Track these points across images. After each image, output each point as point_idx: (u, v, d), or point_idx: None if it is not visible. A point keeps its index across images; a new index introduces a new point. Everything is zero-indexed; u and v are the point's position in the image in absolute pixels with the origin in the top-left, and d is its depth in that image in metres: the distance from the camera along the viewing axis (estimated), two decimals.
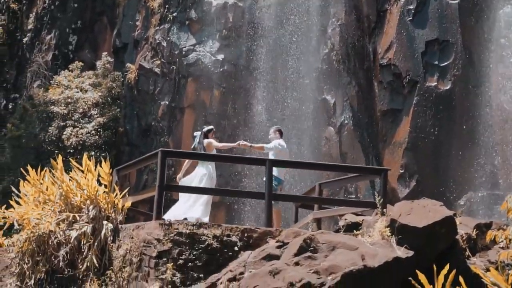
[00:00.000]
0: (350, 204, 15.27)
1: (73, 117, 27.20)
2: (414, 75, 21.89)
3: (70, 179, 13.58)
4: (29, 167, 14.22)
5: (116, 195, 13.25)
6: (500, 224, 11.74)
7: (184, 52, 25.76)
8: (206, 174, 14.57)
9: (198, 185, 14.40)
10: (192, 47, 25.77)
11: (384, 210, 12.09)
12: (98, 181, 13.53)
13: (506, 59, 21.49)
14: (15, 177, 23.30)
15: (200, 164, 14.85)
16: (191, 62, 25.57)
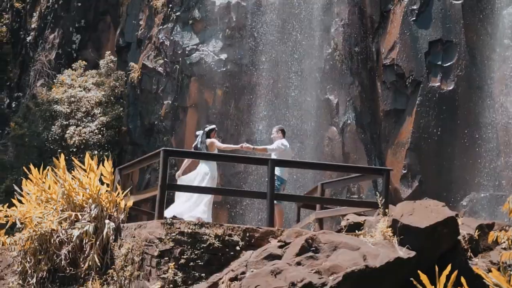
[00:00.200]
0: (352, 204, 15.25)
1: (76, 116, 27.22)
2: (417, 75, 21.86)
3: (73, 178, 13.59)
4: (32, 166, 14.23)
5: (118, 194, 13.25)
6: (502, 225, 11.73)
7: (187, 52, 25.76)
8: (208, 174, 14.53)
9: (200, 184, 14.38)
10: (195, 47, 25.77)
11: (386, 210, 12.07)
12: (101, 180, 13.53)
13: (510, 60, 21.46)
14: (18, 176, 23.32)
15: (202, 163, 14.82)
16: (194, 62, 25.56)
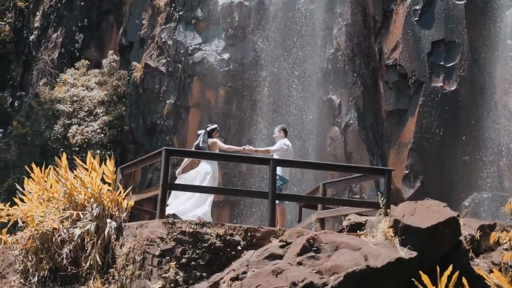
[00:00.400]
0: (354, 204, 15.22)
1: (79, 115, 27.25)
2: (420, 76, 21.85)
3: (75, 177, 13.59)
4: (34, 165, 14.24)
5: (120, 193, 13.25)
6: (504, 226, 11.70)
7: (190, 51, 25.77)
8: (210, 173, 14.51)
9: (201, 184, 14.36)
10: (198, 46, 25.78)
11: (388, 211, 12.05)
12: (103, 180, 13.54)
13: None
14: (21, 175, 23.35)
15: (204, 162, 14.82)
16: (197, 61, 25.57)
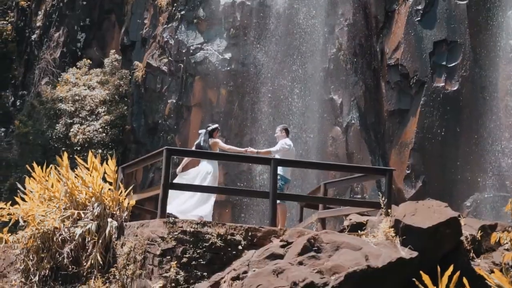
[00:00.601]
0: (355, 204, 15.21)
1: (80, 115, 27.26)
2: (422, 76, 21.84)
3: (76, 177, 13.59)
4: (35, 164, 14.24)
5: (121, 193, 13.24)
6: (505, 226, 11.68)
7: (192, 51, 25.78)
8: (211, 173, 14.50)
9: (202, 183, 14.34)
10: (200, 46, 25.79)
11: (389, 211, 12.04)
12: (104, 179, 13.53)
13: None
14: (22, 174, 23.36)
15: (204, 162, 14.80)
16: (199, 61, 25.59)
